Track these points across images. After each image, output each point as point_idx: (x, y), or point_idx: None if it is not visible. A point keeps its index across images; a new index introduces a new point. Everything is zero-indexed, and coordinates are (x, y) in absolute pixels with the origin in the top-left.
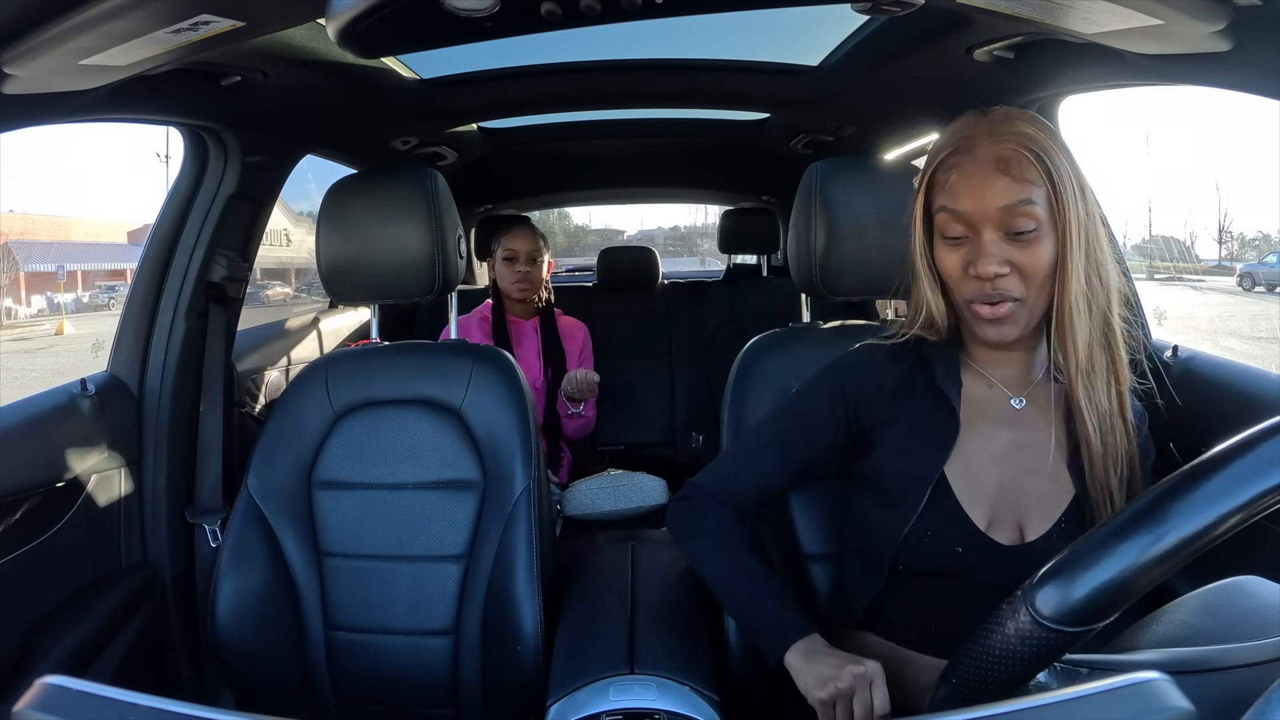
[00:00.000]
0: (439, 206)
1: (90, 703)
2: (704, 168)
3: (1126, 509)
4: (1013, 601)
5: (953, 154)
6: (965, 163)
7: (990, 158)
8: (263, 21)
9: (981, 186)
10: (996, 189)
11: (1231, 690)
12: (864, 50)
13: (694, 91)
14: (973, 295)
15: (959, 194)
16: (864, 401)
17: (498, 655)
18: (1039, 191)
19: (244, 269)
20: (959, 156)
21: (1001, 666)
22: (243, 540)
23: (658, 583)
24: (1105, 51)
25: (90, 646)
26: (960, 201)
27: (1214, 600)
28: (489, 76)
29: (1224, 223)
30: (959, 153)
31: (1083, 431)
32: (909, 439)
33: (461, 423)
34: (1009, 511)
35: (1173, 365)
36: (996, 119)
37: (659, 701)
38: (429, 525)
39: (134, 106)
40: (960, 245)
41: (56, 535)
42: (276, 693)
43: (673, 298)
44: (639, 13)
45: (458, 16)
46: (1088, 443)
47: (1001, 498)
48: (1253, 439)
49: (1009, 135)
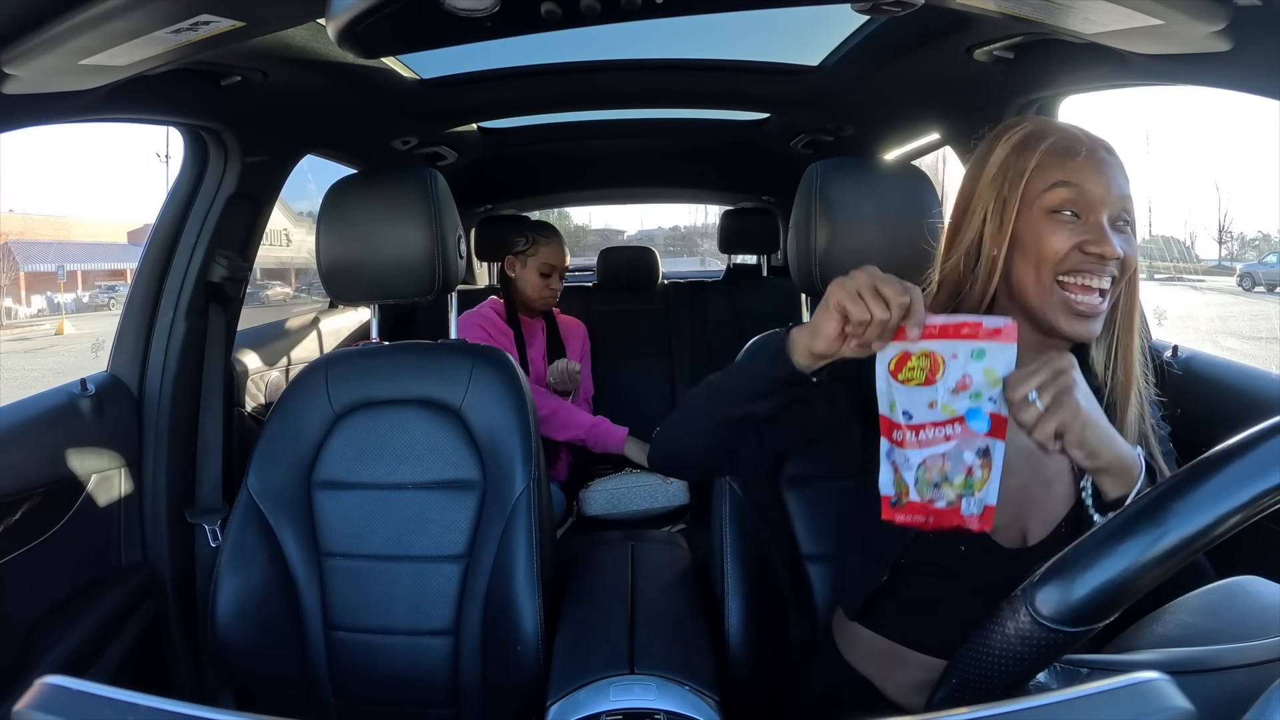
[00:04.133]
0: (439, 206)
1: (90, 703)
2: (704, 168)
3: (1125, 509)
4: (1013, 601)
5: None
6: (1079, 146)
7: (1101, 148)
8: (263, 21)
9: (1105, 171)
10: (1118, 177)
11: (1232, 690)
12: (864, 50)
13: (694, 91)
14: (1077, 267)
15: (1084, 174)
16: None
17: (498, 655)
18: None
19: (244, 269)
20: (1068, 140)
21: (1002, 666)
22: (243, 540)
23: (658, 583)
24: (1105, 51)
25: (90, 646)
26: (1086, 179)
27: (1214, 600)
28: (489, 76)
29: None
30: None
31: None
32: None
33: (461, 423)
34: (1014, 516)
35: (1174, 366)
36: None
37: (659, 701)
38: (429, 525)
39: (134, 106)
40: (1071, 224)
41: (56, 535)
42: (276, 693)
43: (673, 298)
44: (639, 13)
45: (458, 16)
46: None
47: (1009, 501)
48: (1253, 439)
49: (1104, 141)
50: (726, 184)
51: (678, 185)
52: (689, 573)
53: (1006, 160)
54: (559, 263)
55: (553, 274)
